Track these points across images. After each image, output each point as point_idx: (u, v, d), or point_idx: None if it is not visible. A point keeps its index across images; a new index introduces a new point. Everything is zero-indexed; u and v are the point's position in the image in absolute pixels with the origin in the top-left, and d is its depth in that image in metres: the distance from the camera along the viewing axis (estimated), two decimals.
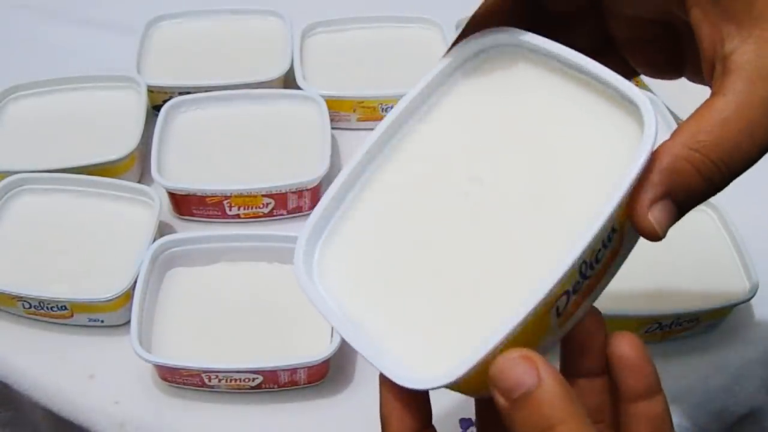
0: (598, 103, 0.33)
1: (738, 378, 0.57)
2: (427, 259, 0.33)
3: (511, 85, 0.35)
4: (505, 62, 0.35)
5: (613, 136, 0.33)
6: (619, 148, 0.32)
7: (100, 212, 0.63)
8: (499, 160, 0.34)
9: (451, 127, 0.36)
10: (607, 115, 0.33)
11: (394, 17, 0.80)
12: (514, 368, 0.28)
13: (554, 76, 0.34)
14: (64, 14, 0.86)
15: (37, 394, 0.55)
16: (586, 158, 0.33)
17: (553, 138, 0.34)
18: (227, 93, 0.71)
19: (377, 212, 0.35)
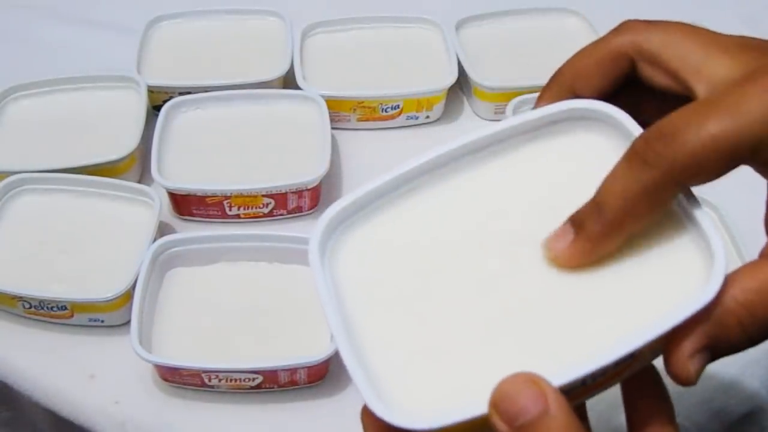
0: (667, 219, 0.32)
1: (738, 378, 0.57)
2: (441, 293, 0.31)
3: (588, 160, 0.33)
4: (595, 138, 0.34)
5: (670, 258, 0.31)
6: (672, 273, 0.31)
7: (100, 212, 0.63)
8: (546, 226, 0.32)
9: (516, 181, 0.34)
10: (673, 235, 0.31)
11: (394, 17, 0.80)
12: (521, 394, 0.26)
13: None
14: (64, 14, 0.86)
15: (37, 394, 0.55)
16: (634, 266, 0.31)
17: None
18: (227, 93, 0.71)
19: (406, 225, 0.33)
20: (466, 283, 0.32)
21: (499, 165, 0.34)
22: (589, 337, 0.29)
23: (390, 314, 0.31)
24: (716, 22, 0.81)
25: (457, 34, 0.77)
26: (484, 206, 0.33)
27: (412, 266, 0.32)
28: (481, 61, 0.76)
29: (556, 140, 0.34)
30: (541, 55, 0.78)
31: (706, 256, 0.30)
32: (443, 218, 0.33)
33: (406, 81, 0.74)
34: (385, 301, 0.32)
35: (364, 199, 0.33)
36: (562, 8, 0.82)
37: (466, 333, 0.30)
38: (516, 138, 0.34)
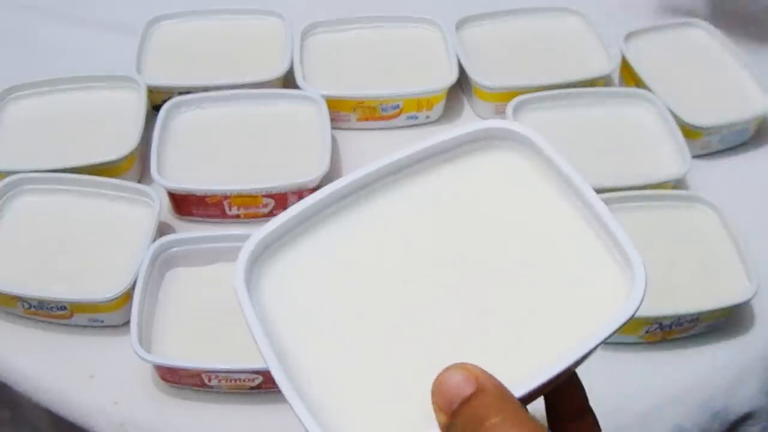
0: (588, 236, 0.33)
1: (738, 378, 0.57)
2: (369, 316, 0.31)
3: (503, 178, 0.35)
4: (508, 155, 0.35)
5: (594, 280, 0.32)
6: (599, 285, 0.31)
7: (100, 212, 0.63)
8: (470, 246, 0.33)
9: (434, 199, 0.34)
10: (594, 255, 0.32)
11: (394, 17, 0.80)
12: (452, 380, 0.27)
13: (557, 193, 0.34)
14: (64, 14, 0.86)
15: (36, 395, 0.55)
16: (559, 282, 0.32)
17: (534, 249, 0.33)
18: (227, 93, 0.71)
19: (330, 249, 0.33)
20: (392, 304, 0.31)
21: (419, 185, 0.34)
22: (523, 356, 0.30)
23: (322, 341, 0.31)
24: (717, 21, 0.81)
25: (457, 34, 0.77)
26: (406, 226, 0.33)
27: (338, 290, 0.32)
28: (481, 61, 0.76)
29: (473, 160, 0.35)
30: (541, 55, 0.78)
31: (623, 263, 0.31)
32: (366, 240, 0.33)
33: (406, 81, 0.74)
34: (316, 327, 0.31)
35: (287, 225, 0.33)
36: (562, 8, 0.82)
37: (399, 354, 0.30)
38: (435, 158, 0.35)
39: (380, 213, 0.34)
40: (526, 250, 0.33)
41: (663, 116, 0.70)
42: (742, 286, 0.58)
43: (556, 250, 0.33)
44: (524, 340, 0.30)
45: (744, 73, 0.75)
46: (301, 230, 0.33)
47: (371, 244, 0.33)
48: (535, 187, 0.34)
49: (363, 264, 0.33)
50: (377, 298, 0.32)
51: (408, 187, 0.34)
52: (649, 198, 0.64)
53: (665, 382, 0.56)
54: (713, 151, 0.73)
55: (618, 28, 0.78)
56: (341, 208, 0.33)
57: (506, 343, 0.30)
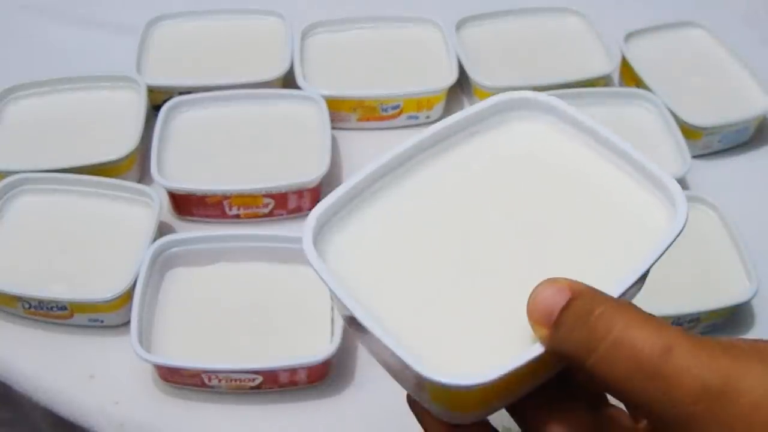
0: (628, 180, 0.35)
1: None
2: (435, 267, 0.33)
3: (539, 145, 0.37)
4: (529, 124, 0.38)
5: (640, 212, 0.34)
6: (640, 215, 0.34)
7: (100, 212, 0.63)
8: (513, 203, 0.35)
9: (471, 168, 0.36)
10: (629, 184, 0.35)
11: (394, 17, 0.80)
12: (544, 294, 0.28)
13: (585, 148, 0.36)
14: (64, 14, 0.86)
15: (36, 394, 0.55)
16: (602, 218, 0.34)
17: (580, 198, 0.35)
18: (227, 93, 0.71)
19: (392, 212, 0.35)
20: (457, 255, 0.33)
21: (456, 156, 0.37)
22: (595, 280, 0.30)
23: (397, 293, 0.32)
24: (719, 22, 0.81)
25: (457, 34, 0.77)
26: (452, 191, 0.35)
27: (400, 249, 0.34)
28: (481, 61, 0.76)
29: (498, 131, 0.37)
30: (541, 55, 0.78)
31: (664, 198, 0.33)
32: (418, 207, 0.35)
33: (406, 81, 0.74)
34: (387, 282, 0.32)
35: (344, 198, 0.34)
36: (562, 8, 0.82)
37: (475, 295, 0.32)
38: (461, 133, 0.37)
39: (425, 183, 0.36)
40: (569, 196, 0.35)
41: (663, 116, 0.70)
42: (742, 286, 0.58)
43: (598, 191, 0.35)
44: (591, 268, 0.31)
45: (744, 73, 0.75)
46: (353, 205, 0.35)
47: (419, 210, 0.35)
48: (562, 146, 0.37)
49: (419, 227, 0.34)
50: (440, 252, 0.33)
51: (445, 157, 0.36)
52: None
53: None
54: (713, 151, 0.73)
55: (618, 28, 0.78)
56: (382, 186, 0.35)
57: (572, 271, 0.31)
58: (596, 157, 0.36)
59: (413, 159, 0.36)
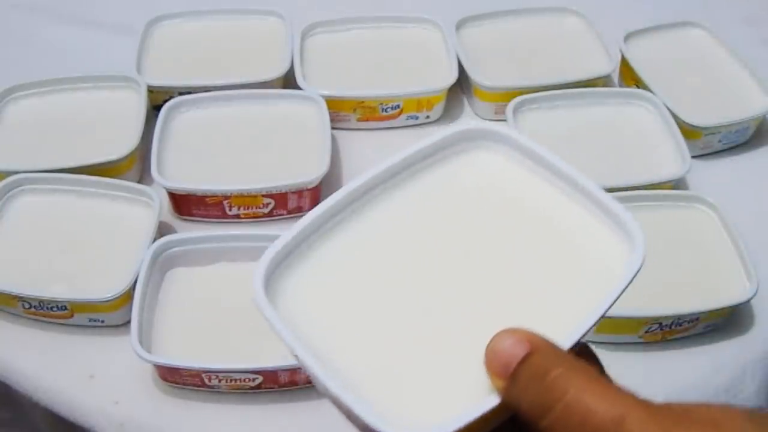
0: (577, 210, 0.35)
1: (738, 378, 0.57)
2: (395, 305, 0.32)
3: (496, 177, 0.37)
4: (487, 155, 0.37)
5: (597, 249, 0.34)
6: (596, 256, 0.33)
7: (100, 212, 0.63)
8: (471, 236, 0.35)
9: (430, 201, 0.36)
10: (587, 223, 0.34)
11: (394, 17, 0.80)
12: (503, 344, 0.28)
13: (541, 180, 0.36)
14: (65, 14, 0.86)
15: (37, 394, 0.55)
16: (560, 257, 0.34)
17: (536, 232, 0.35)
18: (227, 93, 0.71)
19: (348, 250, 0.34)
20: (409, 296, 0.33)
21: (412, 188, 0.36)
22: (548, 324, 0.30)
23: (352, 337, 0.32)
24: (718, 22, 0.81)
25: (457, 34, 0.77)
26: (407, 227, 0.35)
27: (353, 290, 0.33)
28: (481, 61, 0.76)
29: (456, 160, 0.37)
30: (541, 55, 0.78)
31: (620, 231, 0.33)
32: (371, 244, 0.34)
33: (406, 81, 0.74)
34: (342, 326, 0.32)
35: (293, 243, 0.34)
36: (562, 8, 0.82)
37: (430, 340, 0.31)
38: (422, 162, 0.36)
39: (378, 219, 0.35)
40: (527, 232, 0.34)
41: (663, 116, 0.70)
42: (742, 286, 0.58)
43: (555, 228, 0.34)
44: (546, 311, 0.31)
45: (744, 73, 0.75)
46: (307, 245, 0.34)
47: (379, 245, 0.34)
48: (517, 177, 0.36)
49: (372, 265, 0.34)
50: (394, 293, 0.33)
51: (402, 191, 0.36)
52: (649, 198, 0.64)
53: (665, 382, 0.56)
54: (713, 151, 0.73)
55: (618, 28, 0.78)
56: (340, 221, 0.35)
57: (529, 315, 0.31)
58: (555, 191, 0.35)
59: (370, 192, 0.35)
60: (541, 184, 0.36)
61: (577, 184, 0.34)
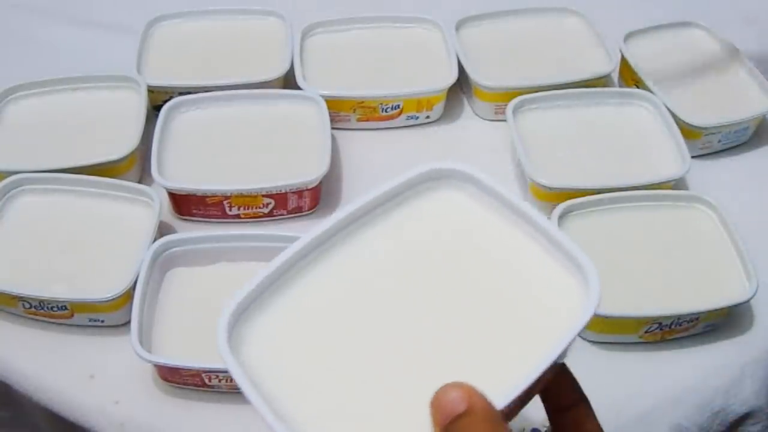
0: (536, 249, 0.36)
1: (737, 378, 0.57)
2: (353, 349, 0.33)
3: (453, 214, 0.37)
4: (452, 194, 0.38)
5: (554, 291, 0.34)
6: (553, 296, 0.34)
7: (100, 212, 0.63)
8: (434, 278, 0.35)
9: (394, 242, 0.37)
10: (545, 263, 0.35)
11: (394, 17, 0.80)
12: (448, 396, 0.29)
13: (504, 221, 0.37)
14: (65, 14, 0.86)
15: (37, 394, 0.55)
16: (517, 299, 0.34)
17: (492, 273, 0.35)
18: (227, 93, 0.71)
19: (312, 294, 0.35)
20: (370, 340, 0.34)
21: (376, 230, 0.37)
22: (500, 369, 0.32)
23: (312, 384, 0.32)
24: (717, 22, 0.82)
25: (457, 34, 0.77)
26: (371, 270, 0.36)
27: (319, 336, 0.34)
28: (481, 61, 0.76)
29: (422, 200, 0.38)
30: (541, 55, 0.78)
31: (577, 273, 0.33)
32: (336, 287, 0.35)
33: (406, 81, 0.74)
34: (304, 372, 0.33)
35: (261, 286, 0.34)
36: (562, 8, 0.82)
37: (385, 384, 0.32)
38: (386, 204, 0.37)
39: (343, 262, 0.36)
40: (487, 274, 0.35)
41: (663, 116, 0.70)
42: (742, 286, 0.58)
43: (511, 270, 0.35)
44: (499, 356, 0.33)
45: (744, 72, 0.76)
46: (275, 288, 0.35)
47: (341, 292, 0.35)
48: (482, 218, 0.37)
49: (336, 311, 0.35)
50: (354, 339, 0.34)
51: (366, 234, 0.37)
52: (649, 198, 0.64)
53: (665, 382, 0.56)
54: (713, 151, 0.73)
55: (618, 28, 0.78)
56: (306, 264, 0.36)
57: (483, 361, 0.33)
58: (517, 231, 0.36)
59: (337, 234, 0.36)
60: (503, 223, 0.36)
61: (538, 224, 0.35)
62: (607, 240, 0.61)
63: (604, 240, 0.61)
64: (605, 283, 0.33)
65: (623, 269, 0.59)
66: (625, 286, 0.57)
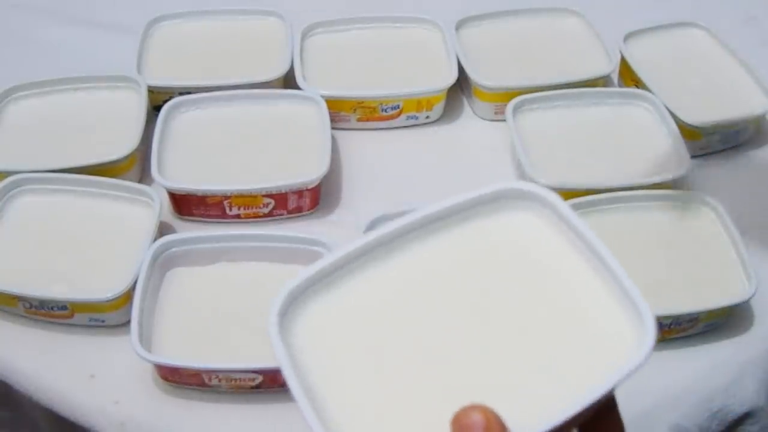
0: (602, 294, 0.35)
1: (737, 378, 0.57)
2: (394, 363, 0.33)
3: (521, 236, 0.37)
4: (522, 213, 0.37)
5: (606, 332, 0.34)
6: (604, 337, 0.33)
7: (100, 212, 0.63)
8: (486, 298, 0.35)
9: (454, 257, 0.36)
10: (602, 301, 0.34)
11: (394, 17, 0.80)
12: (471, 416, 0.29)
13: (571, 249, 0.36)
14: (65, 15, 0.86)
15: (37, 394, 0.55)
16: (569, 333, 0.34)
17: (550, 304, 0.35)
18: (227, 93, 0.71)
19: (368, 292, 0.35)
20: (412, 351, 0.33)
21: (440, 242, 0.36)
22: (533, 402, 0.31)
23: (349, 382, 0.32)
24: (717, 22, 0.82)
25: (457, 34, 0.77)
26: (426, 280, 0.35)
27: (363, 337, 0.34)
28: (481, 61, 0.76)
29: (490, 219, 0.37)
30: (541, 55, 0.78)
31: (634, 317, 0.32)
32: (389, 293, 0.35)
33: (406, 81, 0.74)
34: (343, 370, 0.33)
35: (315, 277, 0.34)
36: (562, 8, 0.82)
37: (418, 397, 0.32)
38: (453, 217, 0.36)
39: (402, 267, 0.35)
40: (540, 301, 0.35)
41: (662, 116, 0.70)
42: (742, 286, 0.58)
43: (569, 301, 0.35)
44: (535, 387, 0.32)
45: (743, 73, 0.75)
46: (327, 282, 0.35)
47: (393, 296, 0.35)
48: (549, 243, 0.36)
49: (386, 315, 0.34)
50: (399, 346, 0.33)
51: (428, 243, 0.36)
52: (648, 198, 0.64)
53: (664, 382, 0.56)
54: (713, 151, 0.73)
55: (618, 28, 0.78)
56: (365, 262, 0.35)
57: (520, 388, 0.32)
58: (583, 263, 0.35)
59: (403, 237, 0.36)
60: (567, 250, 0.36)
61: (606, 262, 0.34)
62: (607, 240, 0.61)
63: (604, 240, 0.61)
64: None
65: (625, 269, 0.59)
66: None
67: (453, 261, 0.36)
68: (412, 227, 0.36)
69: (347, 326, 0.34)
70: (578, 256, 0.35)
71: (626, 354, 0.32)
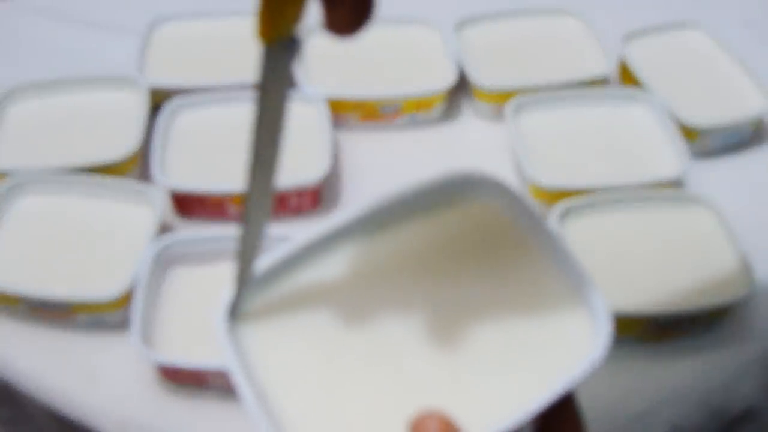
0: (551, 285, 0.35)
1: (736, 377, 0.57)
2: (351, 353, 0.33)
3: (481, 226, 0.36)
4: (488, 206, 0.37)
5: (564, 327, 0.34)
6: (561, 335, 0.33)
7: (100, 212, 0.63)
8: (442, 292, 0.35)
9: (415, 247, 0.36)
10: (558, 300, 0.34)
11: (393, 17, 0.80)
12: (429, 425, 0.29)
13: (530, 241, 0.35)
14: (66, 15, 0.86)
15: (38, 394, 0.56)
16: (528, 337, 0.34)
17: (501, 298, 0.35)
18: (228, 93, 0.71)
19: (308, 300, 0.34)
20: (367, 350, 0.33)
21: (394, 235, 0.36)
22: (491, 400, 0.31)
23: (302, 382, 0.32)
24: (717, 23, 0.82)
25: (456, 34, 0.77)
26: (380, 275, 0.35)
27: (316, 334, 0.33)
28: (481, 61, 0.76)
29: (446, 209, 0.36)
30: (541, 55, 0.78)
31: (592, 312, 0.32)
32: (343, 287, 0.34)
33: (406, 81, 0.74)
34: (297, 373, 0.32)
35: (269, 271, 0.34)
36: (562, 9, 0.82)
37: (373, 398, 0.32)
38: (405, 209, 0.36)
39: (354, 261, 0.35)
40: (497, 297, 0.34)
41: (662, 116, 0.70)
42: (741, 286, 0.58)
43: (527, 297, 0.34)
44: (492, 386, 0.32)
45: (742, 74, 0.76)
46: (276, 277, 0.34)
47: (346, 292, 0.34)
48: (507, 235, 0.36)
49: (338, 311, 0.34)
50: (352, 343, 0.33)
51: (382, 236, 0.36)
52: (648, 198, 0.64)
53: (663, 381, 0.56)
54: (712, 151, 0.73)
55: (617, 28, 0.78)
56: (316, 257, 0.35)
57: (474, 388, 0.32)
58: (538, 254, 0.35)
59: (353, 231, 0.35)
60: (530, 245, 0.35)
61: (565, 254, 0.34)
62: (607, 240, 0.62)
63: (604, 240, 0.62)
64: (605, 283, 0.33)
65: (622, 269, 0.59)
66: (625, 286, 0.58)
67: (407, 255, 0.35)
68: (365, 219, 0.35)
69: (298, 324, 0.33)
70: (537, 248, 0.35)
71: (584, 351, 0.32)
